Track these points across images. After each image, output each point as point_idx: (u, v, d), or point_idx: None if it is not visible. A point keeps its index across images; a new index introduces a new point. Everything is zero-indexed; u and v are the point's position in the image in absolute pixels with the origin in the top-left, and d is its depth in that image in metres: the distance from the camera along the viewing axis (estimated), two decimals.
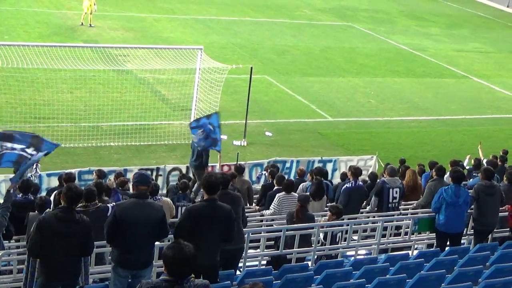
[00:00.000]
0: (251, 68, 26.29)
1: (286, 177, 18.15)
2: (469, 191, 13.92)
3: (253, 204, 17.13)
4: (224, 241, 9.96)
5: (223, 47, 38.12)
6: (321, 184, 15.72)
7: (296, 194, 15.41)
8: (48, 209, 12.43)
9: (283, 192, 15.26)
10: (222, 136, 23.78)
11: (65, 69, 26.31)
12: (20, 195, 13.69)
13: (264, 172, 20.02)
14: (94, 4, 38.57)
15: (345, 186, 15.85)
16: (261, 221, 15.65)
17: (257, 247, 13.72)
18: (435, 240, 13.92)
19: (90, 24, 38.56)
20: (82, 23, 38.63)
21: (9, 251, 11.65)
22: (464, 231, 14.07)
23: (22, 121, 24.53)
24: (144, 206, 9.56)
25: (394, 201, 15.61)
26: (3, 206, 11.26)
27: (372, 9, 55.09)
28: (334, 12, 51.89)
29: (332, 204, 14.87)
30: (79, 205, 12.12)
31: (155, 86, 30.25)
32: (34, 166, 17.56)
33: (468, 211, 13.81)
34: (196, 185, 18.67)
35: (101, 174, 16.44)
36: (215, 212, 9.69)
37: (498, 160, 19.83)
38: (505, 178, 15.29)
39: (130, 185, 13.66)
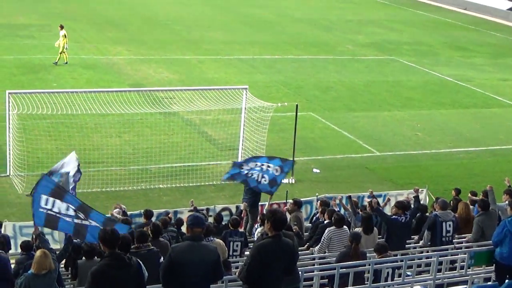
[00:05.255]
0: (296, 105, 26.39)
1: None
2: None
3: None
4: (286, 274, 9.96)
5: (267, 85, 38.31)
6: (370, 218, 15.58)
7: (346, 228, 15.33)
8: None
9: (334, 227, 15.14)
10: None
11: (113, 113, 26.68)
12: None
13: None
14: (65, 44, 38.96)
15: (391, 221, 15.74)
16: (313, 259, 15.55)
17: (311, 286, 13.63)
18: (492, 274, 13.68)
19: (56, 61, 39.00)
20: (66, 62, 39.20)
21: None
22: None
23: None
24: (199, 248, 9.56)
25: (448, 234, 15.42)
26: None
27: (415, 42, 54.94)
28: (376, 47, 51.86)
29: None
30: (132, 246, 12.23)
31: (202, 127, 30.47)
32: None
33: None
34: (248, 224, 18.73)
35: (149, 214, 16.56)
36: (281, 248, 9.71)
37: None
38: None
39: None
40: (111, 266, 9.09)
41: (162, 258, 11.61)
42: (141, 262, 9.47)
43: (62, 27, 39.06)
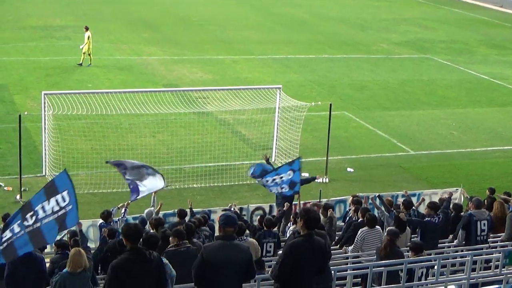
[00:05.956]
0: (330, 104, 26.36)
1: None
2: None
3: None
4: (317, 273, 9.97)
5: (301, 85, 38.27)
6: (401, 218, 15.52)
7: (378, 228, 15.30)
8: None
9: (366, 227, 15.12)
10: (303, 174, 23.83)
11: (147, 113, 26.83)
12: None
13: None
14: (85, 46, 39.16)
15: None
16: (346, 258, 15.54)
17: (344, 285, 13.61)
18: None
19: (89, 63, 39.27)
20: (81, 63, 39.30)
21: None
22: None
23: (107, 166, 25.04)
24: (231, 247, 9.60)
25: (483, 233, 15.32)
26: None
27: (450, 40, 54.52)
28: (411, 45, 51.57)
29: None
30: (171, 244, 12.30)
31: (236, 126, 30.53)
32: (123, 211, 17.91)
33: None
34: (282, 224, 18.76)
35: (182, 214, 16.63)
36: (314, 247, 9.73)
37: None
38: None
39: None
40: (131, 260, 9.16)
41: None
42: (165, 260, 9.52)
43: (87, 29, 39.37)
